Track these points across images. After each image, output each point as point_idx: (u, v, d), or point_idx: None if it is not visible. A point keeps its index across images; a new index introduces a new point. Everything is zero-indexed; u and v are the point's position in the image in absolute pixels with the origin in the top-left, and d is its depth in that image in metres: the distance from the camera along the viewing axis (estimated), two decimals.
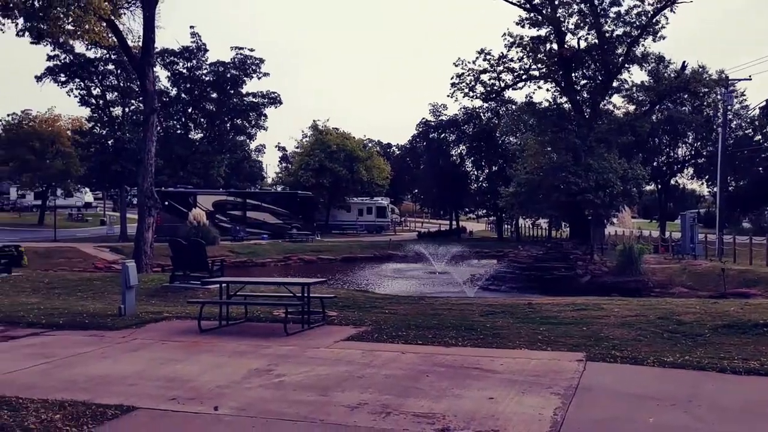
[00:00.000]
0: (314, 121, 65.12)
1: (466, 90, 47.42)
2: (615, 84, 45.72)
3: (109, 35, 24.46)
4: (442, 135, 68.11)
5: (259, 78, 57.15)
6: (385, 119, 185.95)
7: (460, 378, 7.83)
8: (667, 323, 10.91)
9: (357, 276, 34.41)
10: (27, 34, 21.84)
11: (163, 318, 12.37)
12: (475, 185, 66.93)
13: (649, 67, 45.46)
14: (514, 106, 55.16)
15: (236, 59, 55.95)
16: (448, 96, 51.10)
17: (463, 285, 28.25)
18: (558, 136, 43.63)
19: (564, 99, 46.13)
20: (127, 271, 12.70)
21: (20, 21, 21.16)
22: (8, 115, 57.02)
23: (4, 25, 22.02)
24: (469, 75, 46.80)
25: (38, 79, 50.09)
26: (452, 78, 47.22)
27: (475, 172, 67.55)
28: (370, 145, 76.09)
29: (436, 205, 75.82)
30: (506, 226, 66.71)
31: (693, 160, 61.67)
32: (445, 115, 67.37)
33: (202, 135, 58.91)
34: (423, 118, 69.75)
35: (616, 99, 50.74)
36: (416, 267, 37.55)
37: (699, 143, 60.53)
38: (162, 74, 54.29)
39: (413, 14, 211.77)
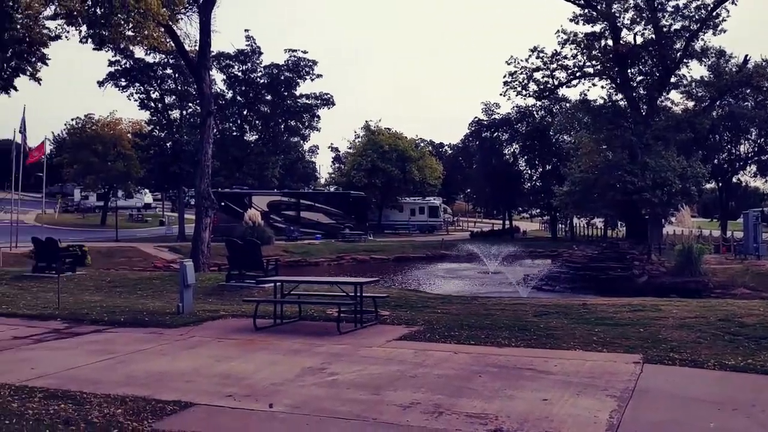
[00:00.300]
0: (366, 121, 65.60)
1: (519, 88, 47.02)
2: (673, 80, 44.63)
3: (167, 40, 25.06)
4: (495, 134, 67.64)
5: (312, 80, 57.90)
6: (437, 119, 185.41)
7: (513, 379, 7.77)
8: (728, 325, 10.59)
9: (409, 276, 34.43)
10: (90, 40, 22.61)
11: (219, 316, 12.62)
12: (529, 184, 66.26)
13: (709, 62, 44.24)
14: (568, 104, 54.39)
15: (290, 61, 56.69)
16: (500, 95, 51.01)
17: (516, 285, 27.97)
18: (613, 134, 42.81)
19: (619, 96, 45.24)
20: (185, 270, 12.98)
21: (83, 28, 21.93)
22: (72, 120, 59.01)
23: (68, 32, 22.91)
24: (521, 73, 46.38)
25: (100, 84, 51.88)
26: (504, 76, 46.89)
27: (529, 171, 66.91)
28: (422, 144, 76.03)
29: (489, 204, 75.35)
30: (560, 225, 65.80)
31: (756, 156, 59.60)
32: (498, 113, 66.94)
33: (257, 137, 59.89)
34: (475, 117, 69.45)
35: (674, 95, 49.65)
36: (469, 267, 37.36)
37: (762, 139, 58.46)
38: (218, 77, 55.50)
39: (464, 11, 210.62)
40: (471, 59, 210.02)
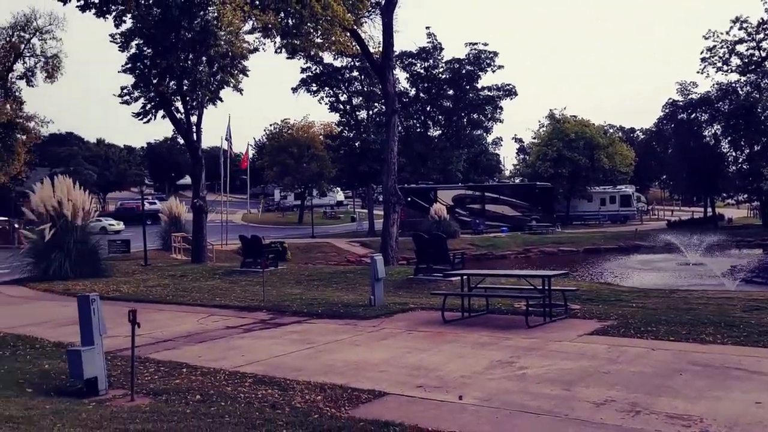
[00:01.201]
0: (551, 110, 63.78)
1: (719, 64, 43.45)
2: None
3: (353, 44, 26.15)
4: (693, 115, 62.70)
5: (493, 71, 57.38)
6: (626, 103, 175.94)
7: (719, 378, 7.22)
8: None
9: (600, 268, 33.09)
10: (283, 50, 24.27)
11: (408, 309, 12.95)
12: (734, 167, 60.71)
13: None
14: None
15: (471, 55, 56.61)
16: (698, 72, 47.21)
17: (721, 277, 25.82)
18: None
19: None
20: (375, 264, 13.50)
21: (277, 39, 23.62)
22: (271, 125, 63.54)
23: (264, 44, 24.76)
24: (722, 47, 42.77)
25: (294, 90, 55.40)
26: (702, 52, 43.60)
27: (733, 153, 61.28)
28: (611, 131, 72.60)
29: (688, 191, 70.08)
30: None
31: None
32: (695, 93, 61.97)
33: (440, 132, 60.53)
34: (670, 99, 64.73)
35: None
36: (666, 258, 35.08)
37: None
38: (401, 76, 56.71)
39: None
40: (662, 37, 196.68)
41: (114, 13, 24.36)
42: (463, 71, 56.91)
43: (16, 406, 6.63)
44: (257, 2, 22.00)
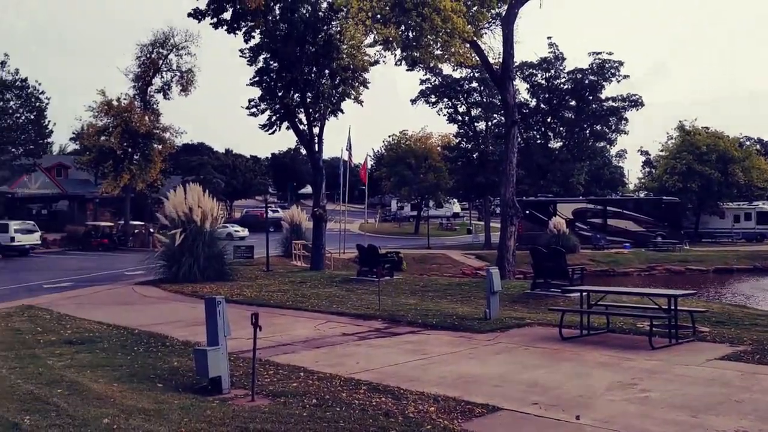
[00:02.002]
0: (680, 121, 60.66)
1: None
2: None
3: (472, 55, 26.07)
4: None
5: (618, 81, 55.40)
6: (765, 113, 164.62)
7: None
8: None
9: (733, 289, 31.11)
10: (403, 62, 24.59)
11: (525, 324, 12.71)
12: None
13: None
14: None
15: (594, 64, 54.98)
16: None
17: None
18: None
19: None
20: (491, 277, 13.35)
21: (398, 52, 23.96)
22: (389, 136, 64.48)
23: (385, 57, 25.20)
24: None
25: (413, 101, 55.99)
26: None
27: None
28: (747, 143, 68.13)
29: None
30: None
31: None
32: None
33: (561, 143, 59.12)
34: None
35: None
36: None
37: None
38: (521, 87, 55.84)
39: None
40: None
41: (244, 29, 25.61)
42: (586, 81, 55.33)
43: (148, 400, 7.07)
44: (379, 16, 22.42)
